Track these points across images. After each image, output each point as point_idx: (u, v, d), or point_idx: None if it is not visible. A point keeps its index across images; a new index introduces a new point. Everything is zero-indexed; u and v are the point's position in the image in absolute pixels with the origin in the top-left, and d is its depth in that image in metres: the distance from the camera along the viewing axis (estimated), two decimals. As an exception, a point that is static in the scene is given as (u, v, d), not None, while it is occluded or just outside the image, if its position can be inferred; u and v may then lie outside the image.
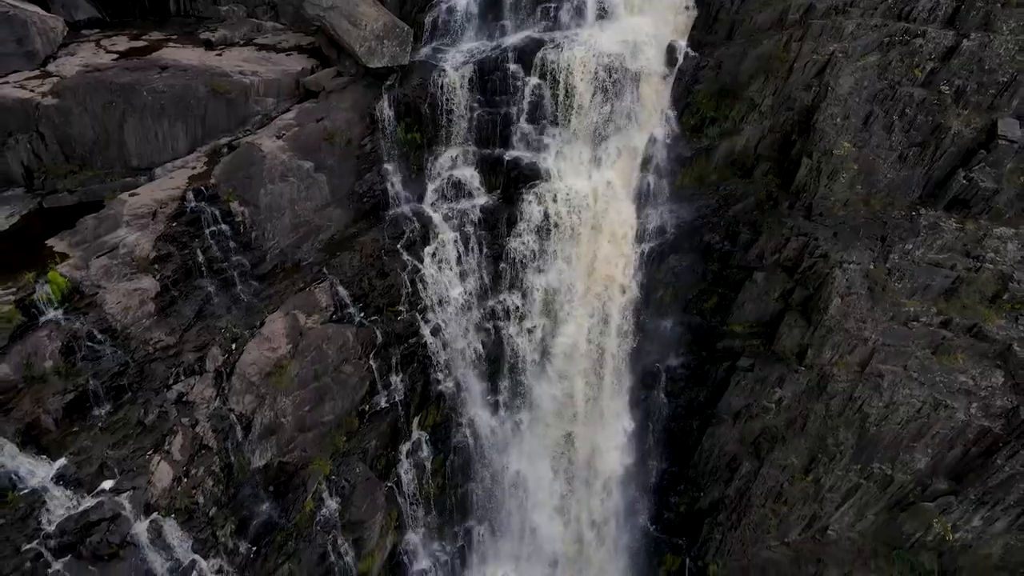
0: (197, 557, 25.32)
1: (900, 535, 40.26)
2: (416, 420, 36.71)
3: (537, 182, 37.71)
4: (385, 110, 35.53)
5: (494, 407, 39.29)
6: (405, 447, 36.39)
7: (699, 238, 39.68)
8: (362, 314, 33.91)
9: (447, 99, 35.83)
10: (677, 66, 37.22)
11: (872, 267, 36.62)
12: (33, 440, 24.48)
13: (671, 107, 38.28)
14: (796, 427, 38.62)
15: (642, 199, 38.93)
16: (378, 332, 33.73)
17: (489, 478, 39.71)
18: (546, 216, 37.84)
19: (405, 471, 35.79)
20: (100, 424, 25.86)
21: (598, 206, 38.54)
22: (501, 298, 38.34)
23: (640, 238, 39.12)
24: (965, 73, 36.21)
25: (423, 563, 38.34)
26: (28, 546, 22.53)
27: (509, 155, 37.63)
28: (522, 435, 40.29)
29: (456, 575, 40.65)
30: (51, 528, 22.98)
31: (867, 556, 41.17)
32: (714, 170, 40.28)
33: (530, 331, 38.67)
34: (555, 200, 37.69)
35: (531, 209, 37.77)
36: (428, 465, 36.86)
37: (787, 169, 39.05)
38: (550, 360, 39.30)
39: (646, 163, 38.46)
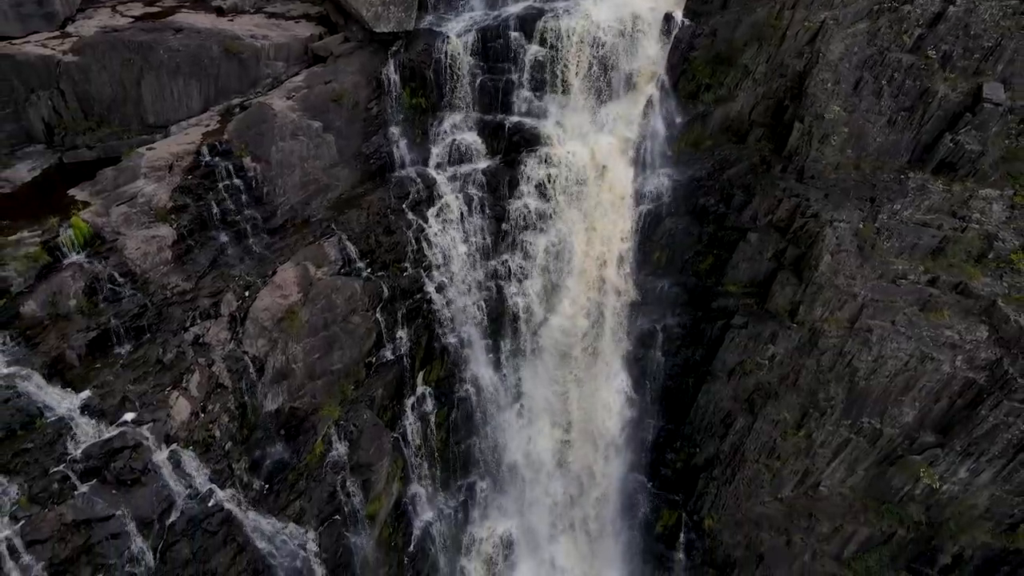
0: (214, 487, 26.48)
1: (889, 489, 41.41)
2: (421, 375, 37.84)
3: (538, 147, 38.75)
4: (391, 74, 36.56)
5: (496, 364, 40.43)
6: (410, 401, 37.51)
7: (695, 201, 40.76)
8: (369, 269, 35.02)
9: (451, 65, 36.87)
10: (674, 34, 38.19)
11: (862, 226, 37.72)
12: (58, 373, 25.64)
13: (668, 74, 39.23)
14: (788, 383, 39.73)
15: (639, 163, 39.96)
16: (384, 287, 34.85)
17: (491, 433, 40.80)
18: (546, 179, 38.90)
19: (410, 423, 36.94)
20: (121, 361, 26.99)
21: (597, 170, 39.53)
22: (503, 258, 39.43)
23: (638, 201, 40.17)
24: (951, 38, 37.27)
25: (427, 515, 39.50)
26: (56, 469, 23.66)
27: (511, 120, 38.66)
28: (523, 392, 41.38)
29: (459, 528, 41.80)
30: (77, 453, 24.13)
31: (858, 510, 42.35)
32: (709, 136, 41.34)
33: (531, 291, 39.67)
34: (555, 164, 38.73)
35: (532, 172, 38.85)
36: (432, 419, 38.00)
37: (780, 134, 40.12)
38: (550, 319, 40.35)
39: (643, 129, 39.44)
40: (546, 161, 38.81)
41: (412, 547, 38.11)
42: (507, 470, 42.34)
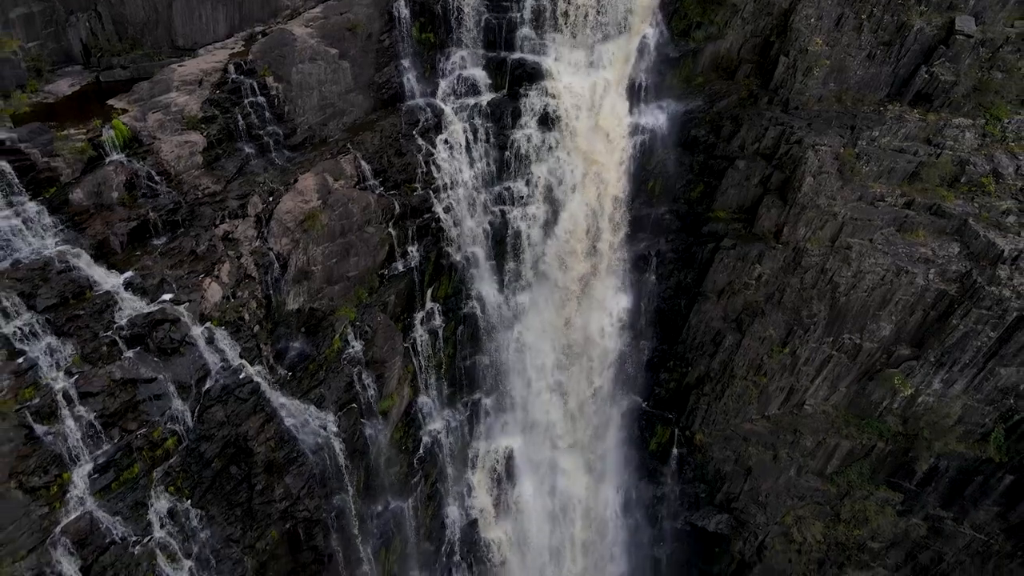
0: (244, 362, 28.80)
1: (869, 405, 43.81)
2: (430, 291, 40.13)
3: (539, 81, 40.88)
4: (402, 9, 38.67)
5: (500, 285, 42.71)
6: (419, 315, 39.83)
7: (686, 133, 43.04)
8: (382, 187, 37.27)
9: (457, 4, 38.99)
10: (666, -27, 40.29)
11: (842, 150, 39.98)
12: (103, 257, 27.93)
13: (661, 13, 41.33)
14: (774, 301, 42.05)
15: (634, 97, 42.17)
16: (396, 203, 37.14)
17: (495, 351, 43.11)
18: (547, 111, 41.08)
19: (419, 335, 39.24)
20: (159, 250, 29.30)
21: (594, 103, 41.72)
22: (506, 185, 41.67)
23: (632, 132, 42.37)
24: (926, -28, 39.42)
25: (435, 425, 41.81)
26: (104, 334, 25.97)
27: (513, 57, 40.82)
28: (525, 313, 43.67)
29: (464, 441, 44.13)
30: (123, 322, 26.44)
31: (839, 425, 44.78)
32: (700, 72, 43.59)
33: (532, 216, 41.95)
34: (555, 97, 40.89)
35: (534, 104, 41.03)
36: (440, 332, 40.30)
37: (766, 69, 42.35)
38: (551, 242, 42.63)
39: (638, 65, 41.62)
40: (546, 95, 40.90)
41: (421, 452, 40.45)
42: (510, 388, 44.60)
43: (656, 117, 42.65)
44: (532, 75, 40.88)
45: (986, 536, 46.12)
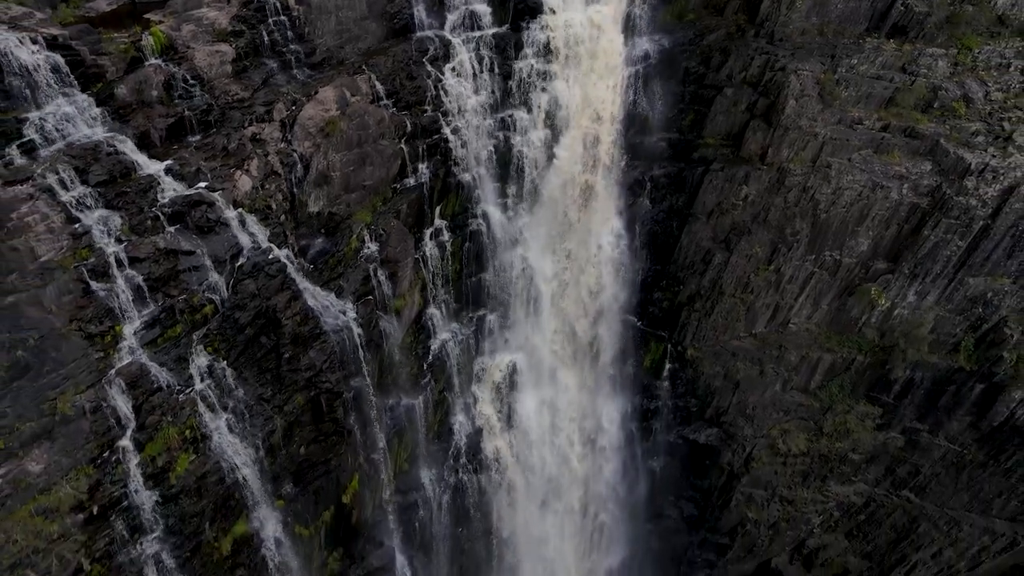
0: (272, 246, 31.51)
1: (849, 320, 46.46)
2: (438, 209, 42.74)
3: (540, 15, 43.39)
4: (412, -57, 41.20)
5: (503, 206, 45.30)
6: (428, 231, 42.47)
7: (678, 64, 45.52)
8: (394, 108, 39.86)
9: (463, -59, 41.47)
10: (660, -89, 42.74)
11: (822, 75, 42.43)
12: (144, 148, 30.63)
13: (655, -50, 43.79)
14: (760, 220, 44.63)
15: (629, 31, 44.66)
16: (408, 122, 39.72)
17: (498, 269, 45.72)
18: (548, 43, 43.60)
19: (429, 249, 41.89)
20: (194, 145, 32.00)
21: (592, 35, 44.22)
22: (509, 112, 44.23)
23: (627, 64, 44.90)
24: (901, -95, 41.80)
25: (444, 335, 44.47)
26: (149, 210, 28.71)
27: (516, -8, 43.29)
28: (526, 233, 46.27)
29: (470, 355, 46.82)
30: (165, 201, 29.16)
31: (821, 341, 47.39)
32: (692, 9, 46.10)
33: (534, 142, 44.54)
34: (555, 30, 43.40)
35: (535, 37, 43.52)
36: (448, 247, 42.92)
37: (753, 5, 44.73)
38: (551, 167, 45.23)
39: (633, 0, 44.14)
40: (547, 28, 43.43)
41: (431, 358, 43.15)
42: (513, 306, 47.25)
43: (650, 49, 45.10)
44: (533, 9, 43.33)
45: (960, 447, 48.79)
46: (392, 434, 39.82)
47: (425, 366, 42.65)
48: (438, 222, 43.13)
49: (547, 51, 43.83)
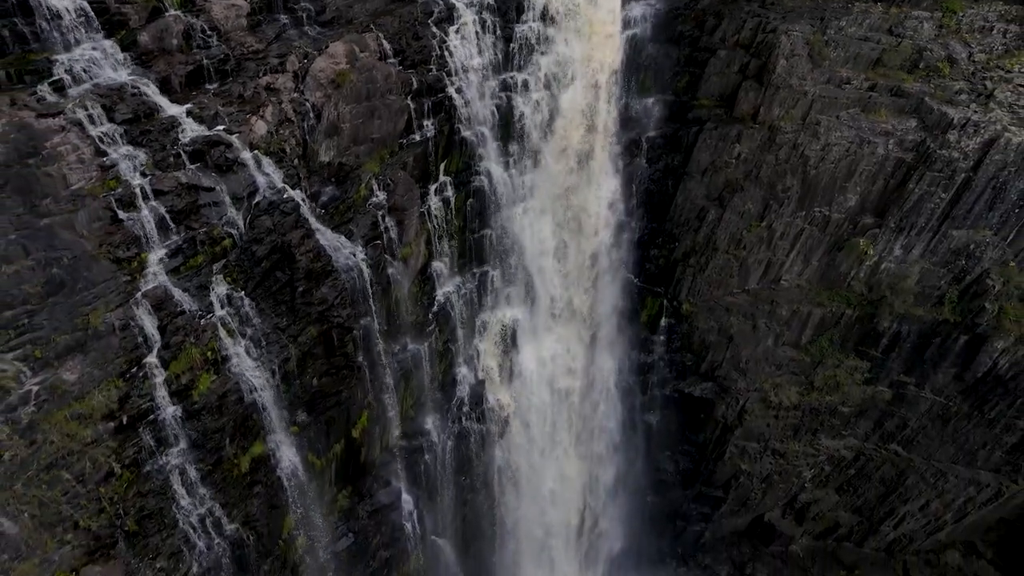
0: (286, 186, 33.11)
1: (838, 276, 48.08)
2: (443, 165, 44.29)
3: (540, -20, 44.85)
4: (417, -91, 42.62)
5: (505, 165, 46.83)
6: (433, 186, 44.03)
7: (673, 28, 47.08)
8: (400, 66, 41.40)
9: (466, -93, 42.91)
10: None
11: (812, 36, 43.96)
12: (166, 92, 32.18)
13: (651, -84, 45.27)
14: (752, 177, 46.20)
15: (626, -5, 46.19)
16: (414, 79, 41.21)
17: (500, 226, 47.29)
18: (548, 7, 45.11)
19: (433, 203, 43.45)
20: (212, 92, 33.54)
21: (590, 1, 45.71)
22: (511, 74, 45.74)
23: (624, 28, 46.43)
24: None
25: (448, 287, 46.05)
26: (172, 148, 30.30)
27: (516, -42, 44.77)
28: (527, 192, 47.84)
29: (474, 309, 48.42)
30: (186, 140, 30.72)
31: (812, 296, 49.02)
32: (686, -26, 47.63)
33: (534, 102, 46.09)
34: (555, -6, 44.88)
35: (535, 1, 45.04)
36: (452, 202, 44.47)
37: (746, -30, 46.26)
38: (551, 127, 46.78)
39: (629, -35, 45.65)
40: (548, -8, 44.91)
41: (435, 307, 44.76)
42: (514, 263, 48.83)
43: (646, 13, 46.66)
44: (533, -26, 44.78)
45: (945, 399, 50.43)
46: (399, 377, 41.43)
47: (430, 315, 44.23)
48: (442, 178, 44.63)
49: (547, 15, 45.27)
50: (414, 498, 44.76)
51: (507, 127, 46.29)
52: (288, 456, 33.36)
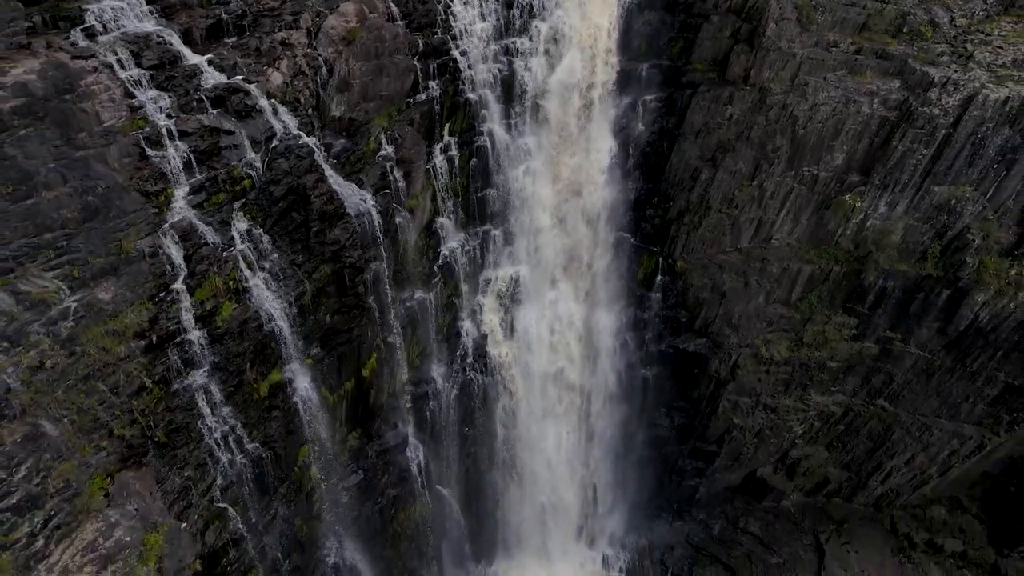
0: (301, 133, 34.94)
1: (826, 234, 49.94)
2: (447, 126, 46.16)
3: (540, -52, 46.62)
4: None
5: (507, 127, 48.70)
6: (438, 146, 45.93)
7: (668, -5, 48.86)
8: (407, 28, 43.23)
9: None
10: None
11: (801, 1, 45.70)
12: (188, 44, 34.00)
13: None
14: (743, 137, 48.02)
15: (623, -37, 47.95)
16: (420, 41, 43.04)
17: (502, 185, 49.16)
18: (546, -26, 46.84)
19: (438, 161, 45.36)
20: (230, 45, 35.37)
21: (588, -32, 47.47)
22: (512, 39, 47.56)
23: (621, -6, 48.21)
24: None
25: (453, 243, 47.95)
26: (195, 93, 32.13)
27: (516, -71, 46.53)
28: (528, 153, 49.65)
29: (477, 266, 50.32)
30: (207, 86, 32.56)
31: (801, 254, 50.86)
32: (681, -58, 49.38)
33: (535, 67, 47.87)
34: (554, -38, 46.63)
35: (535, -32, 46.79)
36: (456, 161, 46.34)
37: (738, -60, 47.97)
38: (551, 91, 48.59)
39: (626, -66, 47.39)
40: (546, -40, 46.67)
41: (440, 261, 46.68)
42: (515, 222, 50.73)
43: (642, -20, 48.41)
44: (534, -58, 46.54)
45: (929, 353, 52.35)
46: (406, 322, 43.35)
47: (435, 268, 46.13)
48: (447, 138, 46.50)
49: (547, -19, 47.03)
50: (420, 441, 46.74)
51: (509, 90, 48.09)
52: (303, 385, 35.29)
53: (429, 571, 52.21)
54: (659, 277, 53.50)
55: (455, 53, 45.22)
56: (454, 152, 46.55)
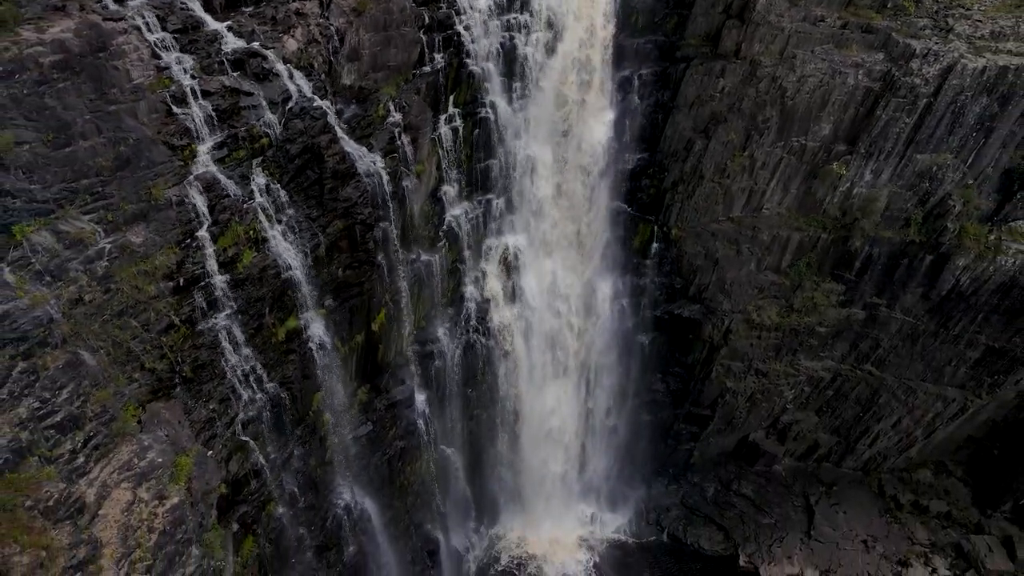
0: (315, 96, 36.91)
1: (815, 203, 51.86)
2: (452, 97, 48.12)
3: (539, -73, 48.45)
4: None
5: (509, 99, 50.62)
6: (443, 116, 47.88)
7: (663, -28, 50.71)
8: (413, 2, 45.11)
9: None
10: None
11: (789, -23, 47.56)
12: (208, 11, 35.93)
13: None
14: (735, 109, 49.93)
15: (619, -58, 49.80)
16: (426, 15, 44.97)
17: (504, 156, 51.09)
18: (546, -49, 48.67)
19: (443, 131, 47.32)
20: (248, 13, 37.30)
21: (586, -54, 49.32)
22: (514, 15, 49.46)
23: (618, -29, 50.06)
24: None
25: (456, 210, 49.93)
26: (216, 57, 34.08)
27: (516, -91, 48.36)
28: (529, 125, 51.59)
29: (480, 234, 52.29)
30: (228, 50, 34.50)
31: (791, 221, 52.79)
32: (676, -79, 51.22)
33: (536, 42, 49.77)
34: (552, -62, 48.46)
35: (534, -54, 48.63)
36: (460, 131, 48.31)
37: (730, -80, 49.79)
38: (550, 65, 50.52)
39: (622, -87, 49.22)
40: (545, -64, 48.50)
41: (445, 227, 48.64)
42: (516, 192, 52.69)
43: (638, -41, 50.27)
44: (533, -78, 48.37)
45: (913, 318, 54.32)
46: (412, 282, 45.36)
47: (440, 233, 48.13)
48: (451, 109, 48.43)
49: (546, -41, 48.88)
50: (426, 397, 48.80)
51: (511, 64, 49.96)
52: (318, 332, 37.32)
53: (435, 526, 54.31)
54: (654, 245, 55.49)
55: (459, 27, 47.08)
56: (458, 123, 48.46)
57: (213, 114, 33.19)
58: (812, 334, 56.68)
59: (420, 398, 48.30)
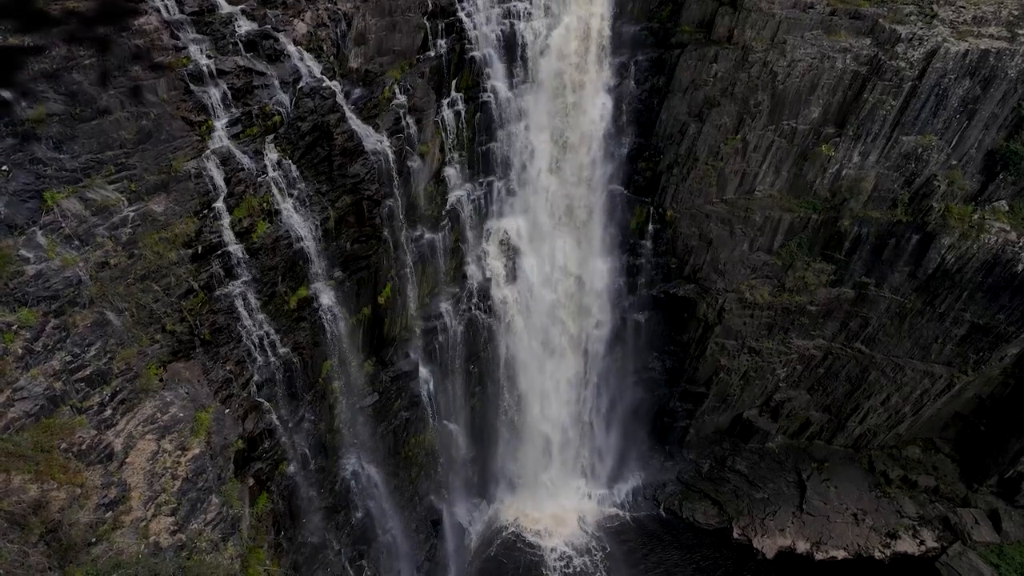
0: (324, 77, 38.47)
1: (805, 185, 53.38)
2: (454, 82, 49.64)
3: (538, -82, 49.92)
4: None
5: (510, 84, 52.14)
6: (446, 100, 49.41)
7: (659, -39, 52.20)
8: (417, -10, 46.61)
9: None
10: None
11: (780, -35, 49.04)
12: (222, -4, 37.41)
13: None
14: (728, 93, 51.46)
15: (615, -68, 51.27)
16: (429, 1, 46.53)
17: (505, 140, 52.66)
18: (545, -59, 50.18)
19: (446, 114, 48.86)
20: None
21: (584, -65, 50.79)
22: (514, 2, 50.95)
23: (614, -40, 51.54)
24: None
25: (459, 192, 51.51)
26: (231, 38, 35.61)
27: None
28: (529, 109, 53.14)
29: (481, 215, 53.87)
30: (241, 32, 36.04)
31: (782, 203, 54.34)
32: (669, -84, 52.71)
33: (535, 29, 51.27)
34: (551, -71, 49.95)
35: (533, -63, 50.12)
36: (463, 115, 49.86)
37: (723, -90, 51.28)
38: (549, 51, 52.03)
39: (619, -94, 50.67)
40: (543, -72, 50.02)
41: (448, 207, 50.25)
42: (517, 174, 54.26)
43: (634, -52, 51.74)
44: (533, -88, 49.83)
45: (901, 297, 55.90)
46: (417, 259, 46.97)
47: (443, 212, 49.71)
48: (454, 93, 49.94)
49: (544, -52, 50.38)
50: (429, 370, 50.45)
51: (511, 50, 51.46)
52: (327, 302, 38.94)
53: (438, 498, 55.99)
54: (650, 226, 57.06)
55: (461, 14, 48.56)
56: (461, 107, 49.97)
57: (228, 92, 34.64)
58: (803, 313, 58.26)
59: (424, 371, 49.93)
